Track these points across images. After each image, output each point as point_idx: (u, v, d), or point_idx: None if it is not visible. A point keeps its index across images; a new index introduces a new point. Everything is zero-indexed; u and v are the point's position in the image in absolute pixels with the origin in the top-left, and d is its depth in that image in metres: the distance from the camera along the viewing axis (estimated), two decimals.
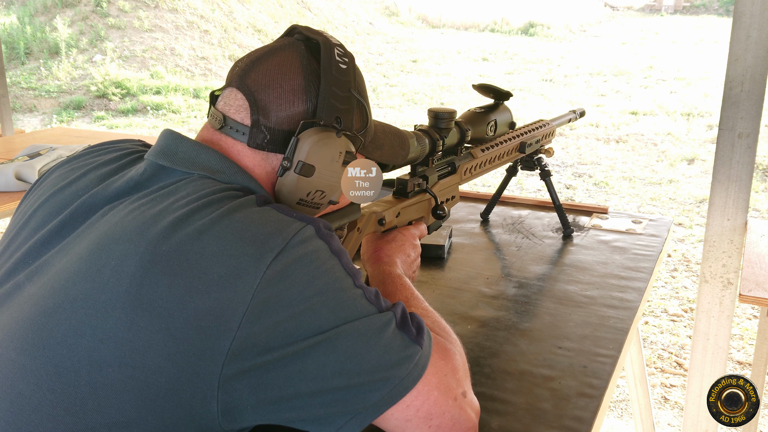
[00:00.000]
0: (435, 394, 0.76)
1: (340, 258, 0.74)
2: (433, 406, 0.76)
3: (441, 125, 1.19)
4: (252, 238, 0.69)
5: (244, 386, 0.68)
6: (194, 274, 0.67)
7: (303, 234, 0.71)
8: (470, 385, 0.84)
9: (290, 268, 0.69)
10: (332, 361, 0.69)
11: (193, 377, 0.66)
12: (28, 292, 0.73)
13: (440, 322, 0.90)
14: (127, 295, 0.66)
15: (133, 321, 0.66)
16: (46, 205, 0.82)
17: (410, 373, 0.73)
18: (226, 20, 11.47)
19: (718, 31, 14.43)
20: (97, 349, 0.66)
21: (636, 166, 6.09)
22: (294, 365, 0.68)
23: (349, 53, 0.89)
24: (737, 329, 3.21)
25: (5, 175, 2.10)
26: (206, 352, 0.66)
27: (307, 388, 0.69)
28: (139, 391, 0.66)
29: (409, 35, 14.09)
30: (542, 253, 1.54)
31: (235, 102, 0.84)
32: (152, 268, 0.67)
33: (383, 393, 0.72)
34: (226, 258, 0.68)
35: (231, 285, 0.66)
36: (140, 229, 0.70)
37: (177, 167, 0.79)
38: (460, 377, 0.80)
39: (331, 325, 0.70)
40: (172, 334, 0.65)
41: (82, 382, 0.66)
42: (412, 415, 0.75)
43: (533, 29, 14.67)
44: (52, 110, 8.48)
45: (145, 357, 0.65)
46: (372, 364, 0.71)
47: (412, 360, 0.74)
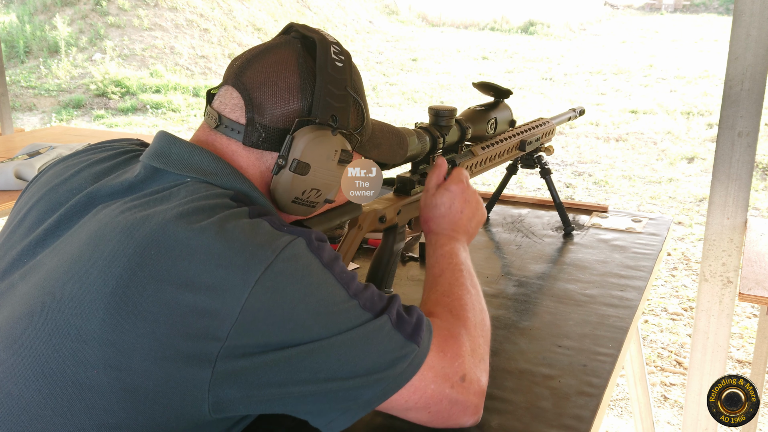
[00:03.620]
0: (432, 387, 0.78)
1: (332, 270, 0.73)
2: (430, 398, 0.78)
3: (441, 123, 1.19)
4: (241, 249, 0.68)
5: (233, 384, 0.68)
6: (182, 281, 0.66)
7: (293, 247, 0.71)
8: (477, 364, 0.84)
9: (281, 284, 0.68)
10: (325, 368, 0.70)
11: (182, 382, 0.66)
12: (20, 292, 0.73)
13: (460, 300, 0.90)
14: (112, 297, 0.66)
15: (118, 323, 0.65)
16: (41, 203, 0.82)
17: (404, 372, 0.74)
18: (226, 19, 11.46)
19: (718, 29, 14.42)
20: (81, 349, 0.66)
21: (636, 164, 6.09)
22: (285, 367, 0.68)
23: (345, 51, 0.88)
24: (737, 328, 3.21)
25: (5, 173, 2.09)
26: (194, 359, 0.66)
27: (298, 390, 0.70)
28: (126, 393, 0.66)
29: (408, 34, 14.08)
30: (542, 251, 1.54)
31: (230, 101, 0.84)
32: (139, 271, 0.67)
33: (376, 391, 0.73)
34: (214, 267, 0.67)
35: (219, 295, 0.66)
36: (129, 230, 0.70)
37: (170, 169, 0.78)
38: (461, 362, 0.81)
39: (323, 336, 0.70)
40: (158, 339, 0.65)
41: (68, 383, 0.66)
42: (411, 405, 0.77)
43: (533, 28, 14.66)
44: (51, 109, 8.48)
45: (130, 360, 0.65)
46: (365, 368, 0.72)
47: (407, 359, 0.75)
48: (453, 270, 0.96)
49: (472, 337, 0.85)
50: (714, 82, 9.40)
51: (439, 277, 0.95)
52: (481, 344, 0.87)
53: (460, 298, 0.91)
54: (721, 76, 1.67)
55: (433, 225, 1.06)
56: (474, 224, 1.08)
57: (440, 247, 1.00)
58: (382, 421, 0.90)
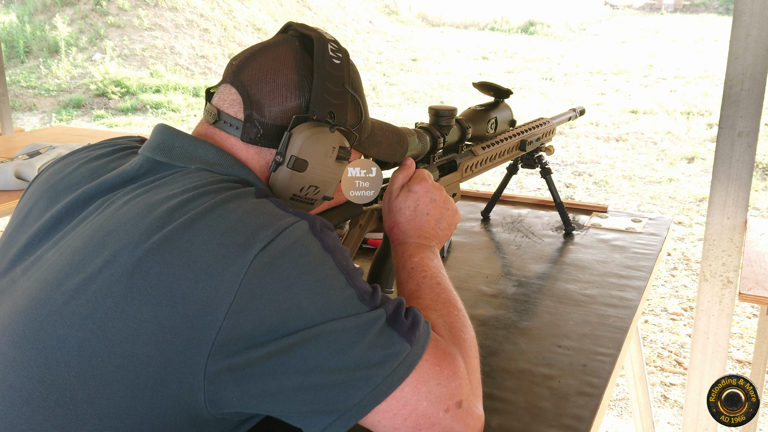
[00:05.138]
0: (424, 404, 0.71)
1: (334, 255, 0.72)
2: (421, 417, 0.71)
3: (442, 123, 1.19)
4: (243, 228, 0.69)
5: (229, 379, 0.67)
6: (184, 262, 0.66)
7: (295, 228, 0.70)
8: (475, 392, 0.77)
9: (278, 261, 0.68)
10: (314, 356, 0.68)
11: (180, 367, 0.66)
12: (22, 286, 0.73)
13: (449, 317, 0.84)
14: (118, 285, 0.66)
15: (123, 310, 0.66)
16: (41, 201, 0.82)
17: (394, 372, 0.70)
18: (226, 19, 11.46)
19: (718, 29, 14.42)
20: (87, 339, 0.66)
21: (636, 164, 6.09)
22: (277, 359, 0.67)
23: (343, 49, 0.88)
24: (737, 328, 3.21)
25: (5, 173, 2.09)
26: (192, 342, 0.65)
27: (289, 382, 0.68)
28: (128, 381, 0.66)
29: (408, 34, 14.08)
30: (542, 251, 1.54)
31: (228, 97, 0.84)
32: (144, 257, 0.67)
33: (365, 392, 0.69)
34: (215, 246, 0.67)
35: (218, 274, 0.66)
36: (135, 219, 0.70)
37: (174, 162, 0.79)
38: (458, 385, 0.74)
39: (316, 322, 0.68)
40: (160, 322, 0.65)
41: (72, 373, 0.66)
42: (399, 423, 0.71)
43: (533, 28, 14.66)
44: (51, 109, 8.48)
45: (133, 346, 0.65)
46: (354, 362, 0.69)
47: (398, 358, 0.70)
48: (431, 285, 0.89)
49: (467, 358, 0.78)
50: (714, 82, 9.40)
51: (417, 292, 0.88)
52: (476, 368, 0.80)
53: (447, 314, 0.84)
54: (721, 76, 1.66)
55: (399, 233, 0.98)
56: (444, 226, 1.01)
57: (408, 258, 0.93)
58: None
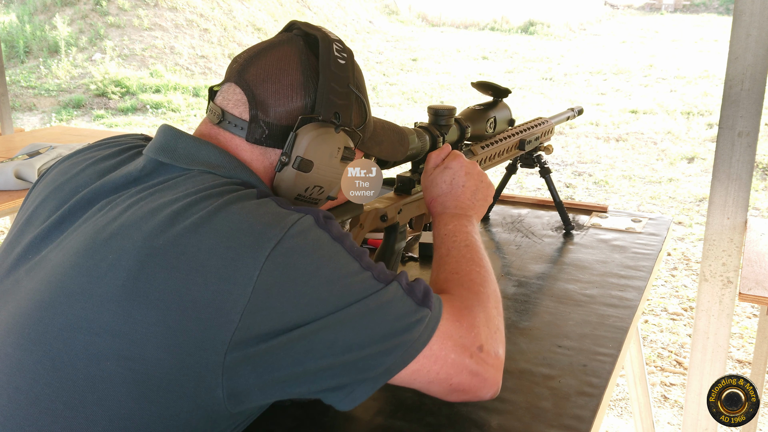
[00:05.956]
0: (452, 356, 0.77)
1: (343, 243, 0.74)
2: (450, 367, 0.78)
3: (441, 122, 1.20)
4: (249, 230, 0.69)
5: (248, 370, 0.68)
6: (191, 266, 0.67)
7: (301, 224, 0.71)
8: (494, 336, 0.83)
9: (292, 259, 0.69)
10: (341, 338, 0.70)
11: (195, 367, 0.66)
12: (26, 288, 0.73)
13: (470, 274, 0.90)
14: (123, 288, 0.66)
15: (129, 314, 0.66)
16: (47, 201, 0.82)
17: (421, 335, 0.74)
18: (226, 19, 11.46)
19: (718, 29, 14.42)
20: (94, 342, 0.66)
21: (636, 164, 6.09)
22: (301, 346, 0.68)
23: (347, 49, 0.88)
24: (737, 328, 3.21)
25: (5, 173, 2.09)
26: (207, 343, 0.66)
27: (315, 365, 0.70)
28: (138, 384, 0.66)
29: (408, 34, 14.08)
30: (542, 251, 1.54)
31: (233, 96, 0.84)
32: (149, 261, 0.67)
33: (395, 357, 0.73)
34: (223, 250, 0.67)
35: (230, 276, 0.66)
36: (138, 223, 0.70)
37: (177, 163, 0.79)
38: (477, 333, 0.80)
39: (338, 308, 0.70)
40: (169, 326, 0.65)
41: (80, 375, 0.66)
42: (433, 376, 0.77)
43: (533, 28, 14.66)
44: (51, 109, 8.48)
45: (143, 349, 0.65)
46: (382, 334, 0.72)
47: (422, 323, 0.75)
48: (459, 248, 0.95)
49: (485, 308, 0.85)
50: (714, 82, 9.40)
51: (446, 257, 0.94)
52: (495, 315, 0.86)
53: (469, 272, 0.90)
54: (721, 76, 1.66)
55: (437, 205, 1.04)
56: (480, 197, 1.06)
57: (443, 226, 0.99)
58: (382, 421, 0.90)
